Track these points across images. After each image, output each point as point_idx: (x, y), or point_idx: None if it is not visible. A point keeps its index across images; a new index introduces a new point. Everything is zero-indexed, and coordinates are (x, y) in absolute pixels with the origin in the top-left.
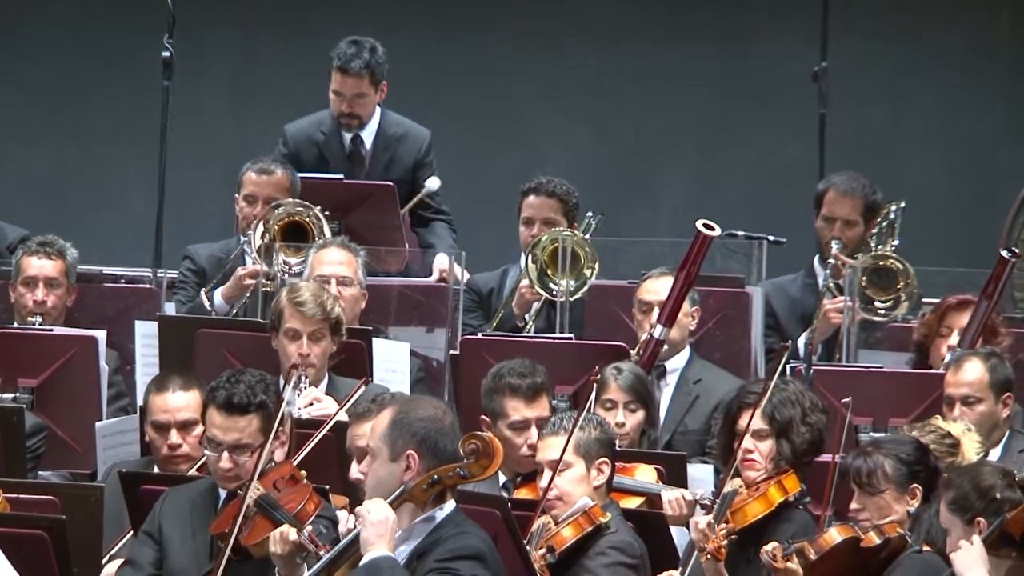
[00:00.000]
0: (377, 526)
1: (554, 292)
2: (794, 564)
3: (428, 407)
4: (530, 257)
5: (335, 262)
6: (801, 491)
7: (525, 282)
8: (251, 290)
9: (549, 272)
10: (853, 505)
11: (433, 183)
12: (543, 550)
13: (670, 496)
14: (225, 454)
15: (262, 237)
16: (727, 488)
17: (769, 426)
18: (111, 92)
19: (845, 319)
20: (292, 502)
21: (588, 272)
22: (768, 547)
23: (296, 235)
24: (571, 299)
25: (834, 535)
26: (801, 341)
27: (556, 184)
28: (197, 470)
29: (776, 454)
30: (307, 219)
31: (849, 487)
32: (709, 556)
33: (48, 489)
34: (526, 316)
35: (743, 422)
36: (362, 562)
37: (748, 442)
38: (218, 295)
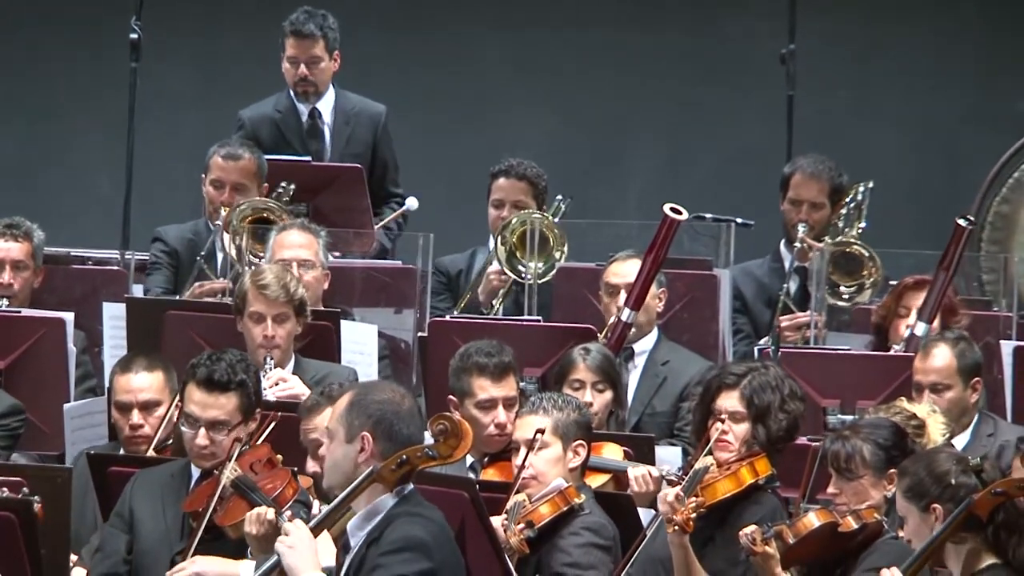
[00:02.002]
0: (294, 552)
1: (523, 275)
2: (772, 548)
3: (387, 391)
4: (499, 239)
5: (295, 245)
6: (771, 475)
7: (494, 267)
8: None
9: (518, 254)
10: (830, 489)
11: (412, 203)
12: (522, 525)
13: (636, 472)
14: (202, 431)
15: (233, 242)
16: (698, 464)
17: (747, 409)
18: (79, 73)
19: (807, 331)
20: (271, 485)
21: (557, 255)
22: (748, 530)
23: (264, 224)
24: (539, 282)
25: (813, 520)
26: (761, 343)
27: (526, 167)
28: (158, 451)
29: (750, 437)
30: (273, 216)
31: (822, 471)
32: (676, 527)
33: (15, 471)
34: (493, 302)
35: (720, 402)
36: None
37: (724, 423)
38: None
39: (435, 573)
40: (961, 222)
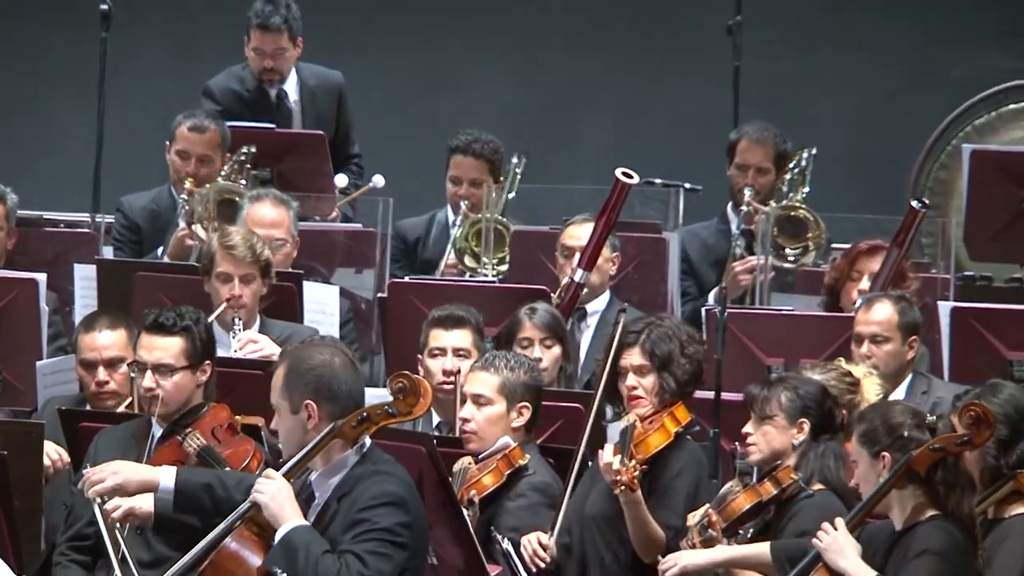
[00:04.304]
0: (273, 501)
1: (480, 271)
2: (715, 532)
3: (317, 354)
4: (454, 245)
5: (267, 224)
6: (691, 421)
7: (450, 260)
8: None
9: (475, 249)
10: (744, 429)
11: (379, 180)
12: (463, 504)
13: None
14: (148, 373)
15: (204, 229)
16: (623, 423)
17: (650, 362)
18: (51, 43)
19: (757, 275)
20: (235, 458)
21: (508, 250)
22: (685, 543)
23: (229, 205)
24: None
25: (742, 503)
26: (711, 297)
27: (482, 144)
28: (126, 407)
29: (660, 388)
30: (236, 196)
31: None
32: (624, 488)
33: None
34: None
35: (625, 361)
36: (276, 538)
37: (631, 379)
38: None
39: (411, 526)
40: (915, 204)
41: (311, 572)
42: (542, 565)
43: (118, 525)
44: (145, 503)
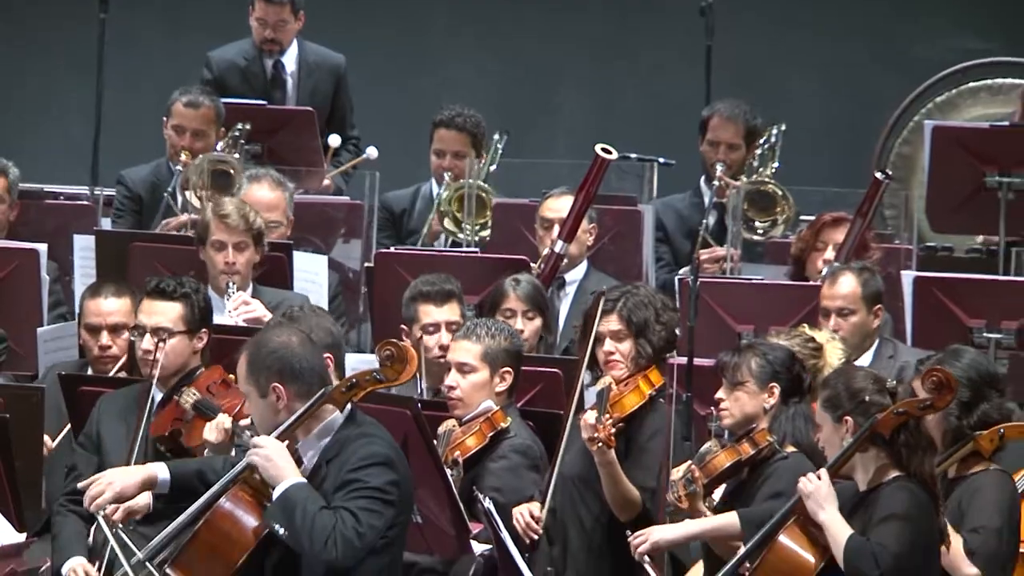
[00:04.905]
0: (274, 460)
1: (461, 237)
2: (698, 488)
3: (275, 337)
4: (439, 210)
5: (264, 206)
6: (664, 384)
7: (433, 218)
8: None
9: (457, 214)
10: (717, 395)
11: (372, 152)
12: (447, 464)
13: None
14: (147, 336)
15: (197, 197)
16: (599, 385)
17: (627, 328)
18: (51, 22)
19: (723, 263)
20: (229, 404)
21: (489, 214)
22: (670, 496)
23: (222, 176)
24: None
25: (723, 460)
26: (682, 272)
27: (465, 118)
28: (126, 371)
29: (636, 353)
30: (229, 168)
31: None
32: (601, 444)
33: None
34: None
35: (603, 327)
36: (274, 494)
37: (609, 344)
38: None
39: (399, 484)
40: (879, 175)
41: (308, 527)
42: (535, 537)
43: (120, 525)
44: (141, 498)
